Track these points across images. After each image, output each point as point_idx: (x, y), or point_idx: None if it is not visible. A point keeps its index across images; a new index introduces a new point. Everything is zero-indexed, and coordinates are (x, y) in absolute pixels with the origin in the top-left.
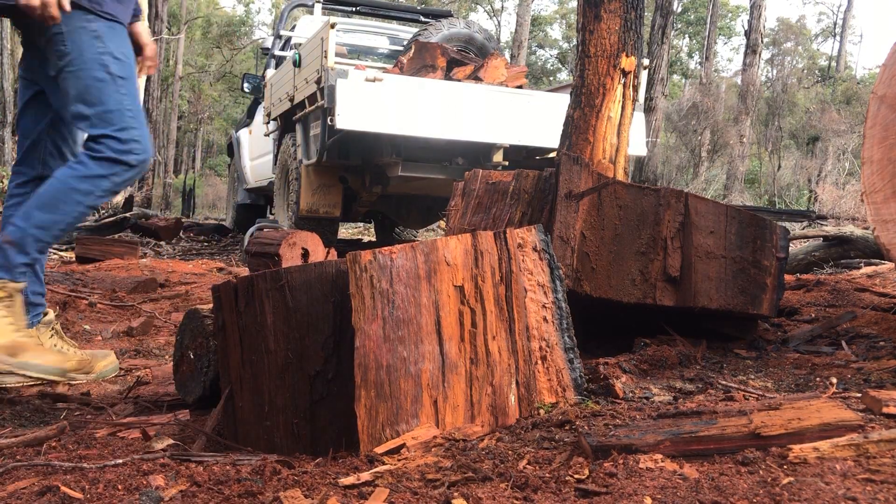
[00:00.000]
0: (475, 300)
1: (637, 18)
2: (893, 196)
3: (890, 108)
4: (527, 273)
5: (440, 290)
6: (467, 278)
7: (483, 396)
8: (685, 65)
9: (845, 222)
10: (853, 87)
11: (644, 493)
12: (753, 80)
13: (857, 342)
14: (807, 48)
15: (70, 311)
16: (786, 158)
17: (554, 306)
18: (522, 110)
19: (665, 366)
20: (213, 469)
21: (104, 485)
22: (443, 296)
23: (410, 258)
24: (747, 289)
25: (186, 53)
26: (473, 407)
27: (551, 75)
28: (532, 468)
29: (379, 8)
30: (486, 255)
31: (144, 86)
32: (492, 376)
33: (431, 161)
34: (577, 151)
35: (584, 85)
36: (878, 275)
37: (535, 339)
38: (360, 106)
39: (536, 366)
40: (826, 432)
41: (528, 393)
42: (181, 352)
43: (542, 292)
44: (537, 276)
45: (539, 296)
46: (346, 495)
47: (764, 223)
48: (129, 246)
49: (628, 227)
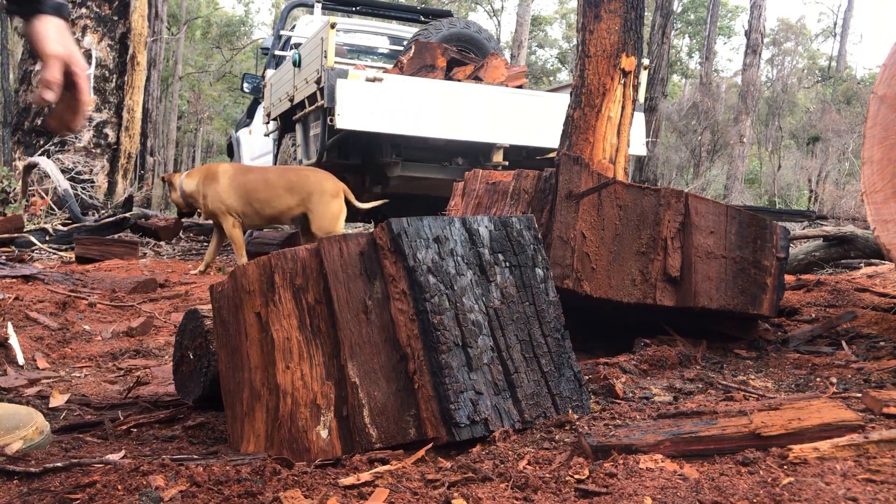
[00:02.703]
0: (272, 326)
1: (637, 18)
2: (894, 196)
3: (890, 108)
4: (390, 280)
5: (246, 320)
6: (262, 304)
7: (276, 429)
8: (685, 65)
9: (845, 222)
10: (853, 87)
11: (644, 493)
12: (753, 80)
13: (858, 342)
14: (807, 48)
15: (70, 311)
16: (786, 158)
17: (418, 321)
18: (522, 110)
19: (665, 366)
20: (213, 469)
21: (104, 485)
22: (249, 325)
23: (230, 286)
24: (747, 289)
25: (186, 53)
26: (272, 439)
27: (551, 75)
28: (532, 468)
29: (379, 8)
30: (286, 275)
31: (144, 86)
32: (287, 408)
33: (431, 161)
34: (577, 151)
35: (584, 85)
36: (879, 275)
37: (410, 359)
38: (360, 106)
39: (417, 389)
40: (826, 432)
41: (362, 426)
42: (181, 352)
43: (406, 302)
44: (400, 283)
45: (404, 305)
46: (346, 495)
47: (764, 223)
48: (129, 246)
49: (628, 228)
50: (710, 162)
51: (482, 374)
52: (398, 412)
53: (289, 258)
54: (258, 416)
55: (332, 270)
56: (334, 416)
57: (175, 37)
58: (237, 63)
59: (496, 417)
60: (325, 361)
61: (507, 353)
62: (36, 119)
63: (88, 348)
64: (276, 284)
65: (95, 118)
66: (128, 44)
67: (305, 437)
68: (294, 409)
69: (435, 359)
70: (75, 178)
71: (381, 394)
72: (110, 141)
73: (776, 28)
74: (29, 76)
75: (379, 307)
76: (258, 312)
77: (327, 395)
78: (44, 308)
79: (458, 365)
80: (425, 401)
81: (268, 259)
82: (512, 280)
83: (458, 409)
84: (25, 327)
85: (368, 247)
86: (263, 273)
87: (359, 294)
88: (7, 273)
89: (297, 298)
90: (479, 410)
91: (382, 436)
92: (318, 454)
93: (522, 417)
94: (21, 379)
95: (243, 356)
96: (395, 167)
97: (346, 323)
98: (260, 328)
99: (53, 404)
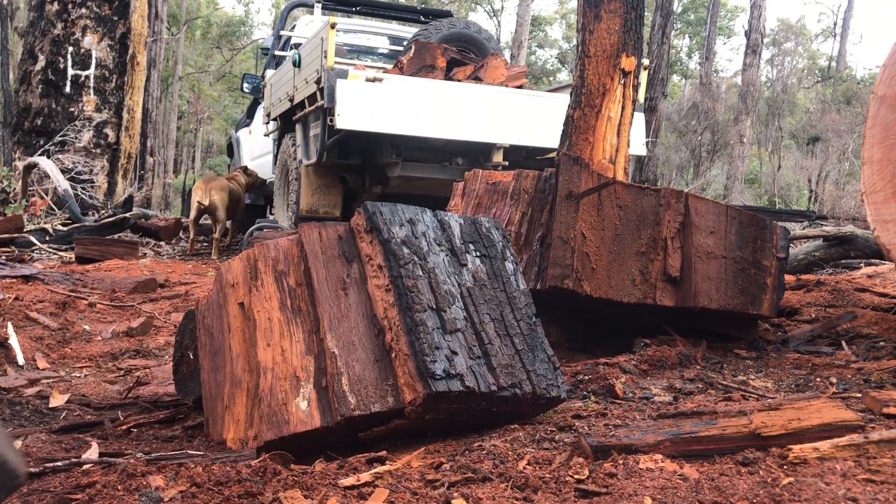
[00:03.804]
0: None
1: (637, 18)
2: (894, 196)
3: (890, 108)
4: (367, 259)
5: (230, 313)
6: (246, 293)
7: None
8: (685, 65)
9: (845, 222)
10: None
11: (644, 493)
12: (753, 80)
13: (858, 342)
14: (807, 48)
15: (70, 311)
16: (786, 158)
17: (394, 287)
18: (522, 110)
19: (665, 366)
20: (213, 469)
21: (104, 485)
22: (231, 317)
23: (214, 289)
24: (747, 289)
25: (186, 53)
26: (252, 418)
27: (551, 75)
28: (532, 468)
29: (379, 8)
30: (268, 262)
31: (144, 86)
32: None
33: (431, 161)
34: (577, 151)
35: (584, 85)
36: (878, 275)
37: (387, 331)
38: (360, 106)
39: (394, 358)
40: (826, 432)
41: (341, 394)
42: (181, 352)
43: (382, 276)
44: (375, 258)
45: (381, 280)
46: (346, 496)
47: (764, 223)
48: (129, 246)
49: (628, 228)
50: (710, 162)
51: (457, 338)
52: (377, 381)
53: (272, 248)
54: (238, 402)
55: (312, 251)
56: (314, 387)
57: (175, 37)
58: (237, 63)
59: (471, 377)
60: (304, 338)
61: (480, 326)
62: (36, 119)
63: (88, 348)
64: (259, 272)
65: (95, 118)
66: (128, 44)
67: (285, 410)
68: (274, 383)
69: (410, 318)
70: (75, 178)
71: (359, 364)
72: (110, 141)
73: (776, 28)
74: (29, 76)
75: (357, 286)
76: (241, 302)
77: (307, 367)
78: (44, 308)
79: (433, 326)
80: (402, 364)
81: (252, 250)
82: (483, 268)
83: (434, 362)
84: (25, 327)
85: (346, 232)
86: (248, 264)
87: (337, 273)
88: (7, 273)
89: (278, 282)
90: (454, 365)
91: (361, 403)
92: (298, 425)
93: (498, 382)
94: (21, 379)
95: (225, 352)
96: (395, 167)
97: (326, 299)
98: (243, 317)
99: (53, 404)
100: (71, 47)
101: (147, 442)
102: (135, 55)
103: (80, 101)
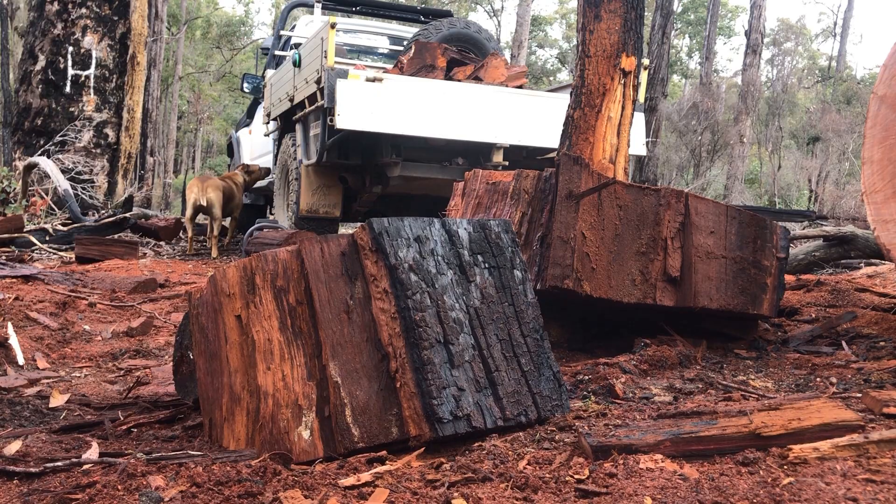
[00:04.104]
0: (252, 327)
1: (637, 18)
2: (894, 196)
3: (890, 108)
4: (371, 279)
5: (226, 323)
6: (243, 306)
7: (256, 431)
8: (685, 65)
9: (845, 222)
10: (853, 87)
11: (644, 493)
12: (753, 80)
13: (858, 342)
14: (807, 48)
15: (70, 311)
16: (786, 158)
17: (401, 318)
18: (522, 110)
19: (665, 366)
20: (213, 469)
21: (104, 485)
22: (228, 329)
23: (209, 291)
24: (747, 289)
25: (186, 53)
26: (253, 441)
27: (551, 75)
28: (532, 468)
29: (379, 8)
30: (267, 276)
31: (144, 86)
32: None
33: (431, 161)
34: (577, 151)
35: (584, 85)
36: (879, 275)
37: (392, 358)
38: (360, 106)
39: (399, 388)
40: (826, 432)
41: (344, 426)
42: (181, 352)
43: (388, 301)
44: (381, 282)
45: (386, 304)
46: (346, 495)
47: (764, 223)
48: (129, 246)
49: (628, 228)
50: (710, 162)
51: (464, 371)
52: (380, 411)
53: (269, 260)
54: (238, 419)
55: (314, 271)
56: (316, 416)
57: (175, 37)
58: (237, 63)
59: (478, 414)
60: (306, 362)
61: (487, 351)
62: (36, 119)
63: (88, 348)
64: (256, 286)
65: (95, 118)
66: (128, 44)
67: (287, 438)
68: (275, 410)
69: (417, 355)
70: (75, 178)
71: (363, 393)
72: (110, 141)
73: (776, 28)
74: (29, 76)
75: (360, 307)
76: (238, 315)
77: (309, 395)
78: (44, 308)
79: (441, 361)
80: (407, 398)
81: (248, 261)
82: (491, 281)
83: (440, 405)
84: (25, 327)
85: (349, 247)
86: (244, 275)
87: (340, 294)
88: (7, 273)
89: (278, 299)
90: (461, 406)
91: (365, 435)
92: (300, 455)
93: (504, 415)
94: (21, 379)
95: (222, 360)
96: (395, 167)
97: (328, 323)
98: (240, 331)
99: (53, 404)
100: (71, 47)
101: (147, 442)
102: (135, 55)
103: (80, 100)
